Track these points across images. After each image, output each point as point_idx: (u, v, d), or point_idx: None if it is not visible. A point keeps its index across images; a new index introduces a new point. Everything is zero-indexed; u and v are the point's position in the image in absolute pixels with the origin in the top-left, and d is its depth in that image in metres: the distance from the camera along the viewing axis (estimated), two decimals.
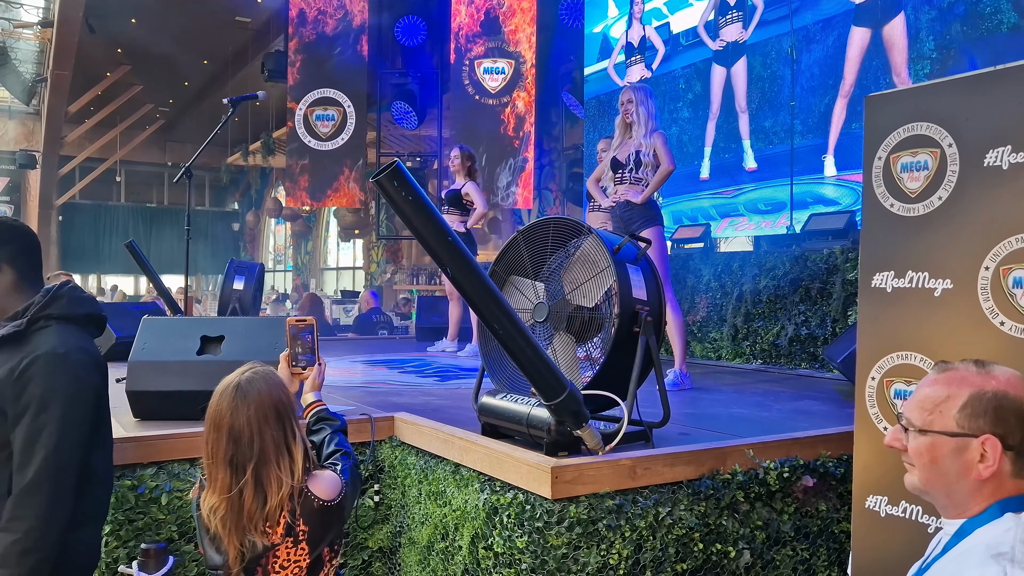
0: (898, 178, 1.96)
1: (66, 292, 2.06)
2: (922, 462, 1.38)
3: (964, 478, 1.34)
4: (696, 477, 2.57)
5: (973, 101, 1.82)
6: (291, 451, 1.82)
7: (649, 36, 8.23)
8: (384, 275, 15.69)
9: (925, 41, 5.55)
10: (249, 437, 1.79)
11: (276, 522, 1.78)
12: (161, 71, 16.51)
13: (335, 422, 2.19)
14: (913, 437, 1.39)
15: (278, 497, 1.77)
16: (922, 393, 1.41)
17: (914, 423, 1.39)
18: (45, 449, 1.89)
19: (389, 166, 2.03)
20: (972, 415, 1.34)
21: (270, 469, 1.78)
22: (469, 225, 6.16)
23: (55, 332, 1.99)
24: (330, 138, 10.90)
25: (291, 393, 1.94)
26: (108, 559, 2.71)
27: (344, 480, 1.92)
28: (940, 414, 1.36)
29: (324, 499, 1.84)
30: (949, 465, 1.35)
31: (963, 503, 1.36)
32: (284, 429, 1.83)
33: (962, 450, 1.34)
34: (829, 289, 5.02)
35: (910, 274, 1.93)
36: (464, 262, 2.13)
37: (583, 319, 2.77)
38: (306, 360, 2.27)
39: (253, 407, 1.81)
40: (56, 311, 2.01)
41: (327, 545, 1.87)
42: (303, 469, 1.83)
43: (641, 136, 4.46)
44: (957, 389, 1.36)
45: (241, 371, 1.89)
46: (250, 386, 1.84)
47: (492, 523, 2.46)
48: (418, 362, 5.82)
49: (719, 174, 7.28)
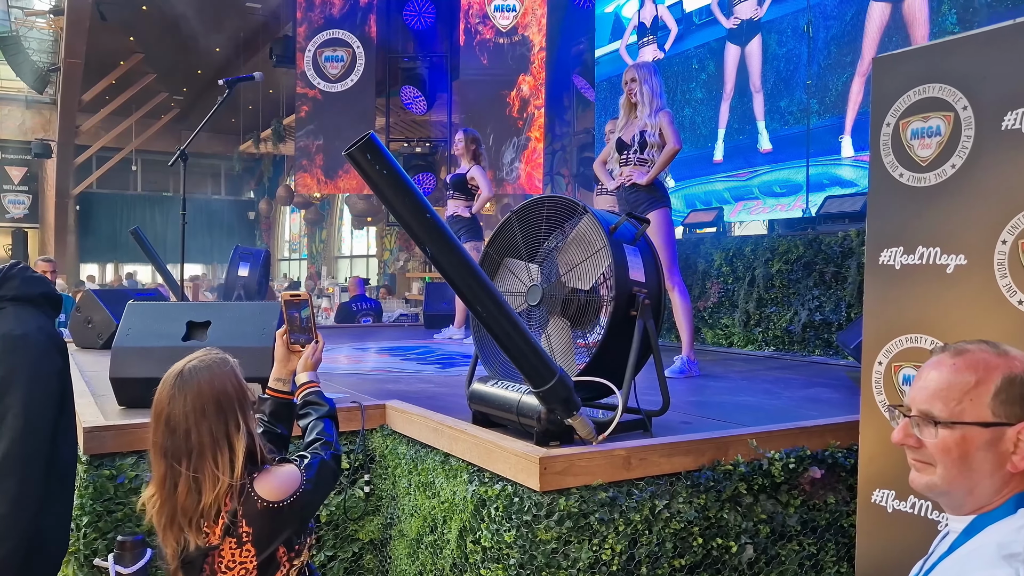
0: (908, 145, 1.81)
1: (17, 272, 1.98)
2: (949, 459, 1.21)
3: (996, 472, 1.19)
4: (696, 468, 2.44)
5: (990, 59, 1.66)
6: (232, 446, 1.69)
7: (661, 15, 8.04)
8: (397, 262, 15.62)
9: (947, 15, 5.34)
10: (185, 429, 1.68)
11: (214, 521, 1.67)
12: (174, 59, 16.50)
13: (323, 406, 2.04)
14: (934, 431, 1.22)
15: (213, 494, 1.65)
16: (939, 380, 1.24)
17: (936, 415, 1.22)
18: (12, 432, 1.82)
19: (362, 139, 1.90)
20: (1007, 401, 1.18)
21: (206, 464, 1.67)
22: (475, 210, 6.04)
23: (11, 314, 1.91)
24: (339, 79, 10.75)
25: (243, 384, 1.78)
26: (87, 551, 2.63)
27: (305, 477, 1.78)
28: (971, 402, 1.20)
29: (270, 500, 1.70)
30: (982, 459, 1.19)
31: (984, 499, 1.20)
32: (225, 422, 1.70)
33: (996, 441, 1.18)
34: (844, 273, 4.86)
35: (920, 250, 1.78)
36: (443, 241, 2.01)
37: (579, 302, 2.64)
38: (304, 338, 2.13)
39: (190, 397, 1.70)
40: (9, 292, 1.93)
41: (282, 545, 1.74)
42: (244, 466, 1.69)
43: (646, 116, 4.31)
44: (985, 374, 1.20)
45: (189, 358, 1.78)
46: (191, 375, 1.73)
47: (480, 516, 2.35)
48: (422, 349, 5.71)
49: (733, 156, 7.10)
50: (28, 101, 20.27)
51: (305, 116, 11.05)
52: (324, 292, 16.00)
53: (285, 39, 11.68)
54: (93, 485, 2.67)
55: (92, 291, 5.60)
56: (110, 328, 5.05)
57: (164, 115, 21.26)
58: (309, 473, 1.79)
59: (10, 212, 21.64)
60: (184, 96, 20.57)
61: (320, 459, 1.85)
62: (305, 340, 2.11)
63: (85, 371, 4.11)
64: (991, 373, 1.20)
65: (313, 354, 2.11)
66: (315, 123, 10.95)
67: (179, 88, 19.94)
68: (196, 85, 19.20)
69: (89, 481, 2.67)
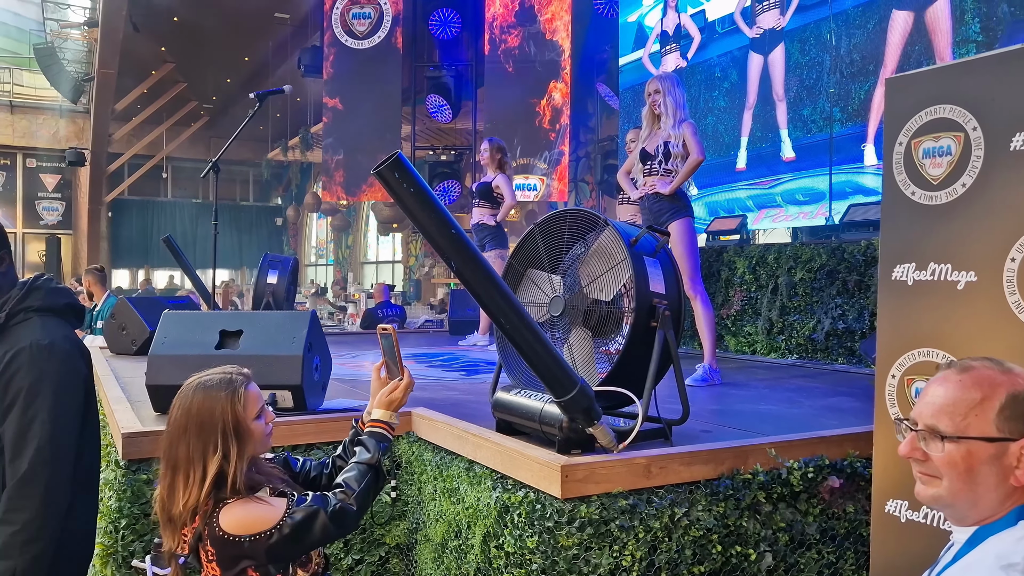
0: (920, 164, 1.85)
1: (42, 284, 2.05)
2: (955, 472, 1.25)
3: (1001, 486, 1.23)
4: (715, 477, 2.48)
5: (1000, 81, 1.70)
6: (205, 468, 1.70)
7: (684, 24, 8.08)
8: (422, 268, 15.74)
9: (970, 24, 5.33)
10: (171, 440, 1.75)
11: (184, 533, 1.73)
12: (204, 68, 16.79)
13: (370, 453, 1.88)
14: (941, 446, 1.26)
15: (180, 507, 1.70)
16: (946, 396, 1.28)
17: (942, 430, 1.26)
18: (38, 439, 1.88)
19: (390, 157, 1.98)
20: (1011, 417, 1.23)
21: (179, 478, 1.72)
22: (499, 218, 6.11)
23: (37, 324, 1.98)
24: (366, 36, 10.80)
25: (237, 413, 1.75)
26: (124, 552, 2.73)
27: (282, 522, 1.70)
28: (976, 418, 1.24)
29: (227, 531, 1.69)
30: (986, 473, 1.23)
31: (987, 511, 1.25)
32: (203, 445, 1.72)
33: (1000, 456, 1.23)
34: (867, 281, 4.86)
35: (932, 266, 1.82)
36: (468, 254, 2.08)
37: (600, 313, 2.70)
38: (392, 371, 2.06)
39: (179, 413, 1.76)
40: (36, 303, 2.00)
41: (251, 568, 1.74)
42: (210, 491, 1.69)
43: (669, 127, 4.36)
44: (991, 390, 1.25)
45: (206, 373, 1.82)
46: (189, 392, 1.78)
47: (503, 522, 2.41)
48: (447, 356, 5.79)
49: (756, 164, 7.12)
50: (62, 110, 20.72)
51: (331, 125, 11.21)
52: (351, 298, 16.16)
53: (313, 49, 11.85)
54: (131, 489, 2.76)
55: (127, 299, 5.75)
56: (143, 335, 5.19)
57: (194, 123, 21.62)
58: (290, 519, 1.72)
59: (44, 219, 22.13)
60: (213, 104, 20.90)
61: (315, 510, 1.74)
62: (392, 374, 2.06)
63: (120, 377, 4.22)
64: (996, 390, 1.25)
65: (390, 391, 2.02)
66: (333, 136, 11.06)
67: (209, 96, 20.27)
68: (225, 93, 19.51)
69: (127, 485, 2.77)
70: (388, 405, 2.00)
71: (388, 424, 1.99)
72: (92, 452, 2.12)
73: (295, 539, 1.72)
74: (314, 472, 2.09)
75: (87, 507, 2.12)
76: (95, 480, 2.19)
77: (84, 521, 2.09)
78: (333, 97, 11.08)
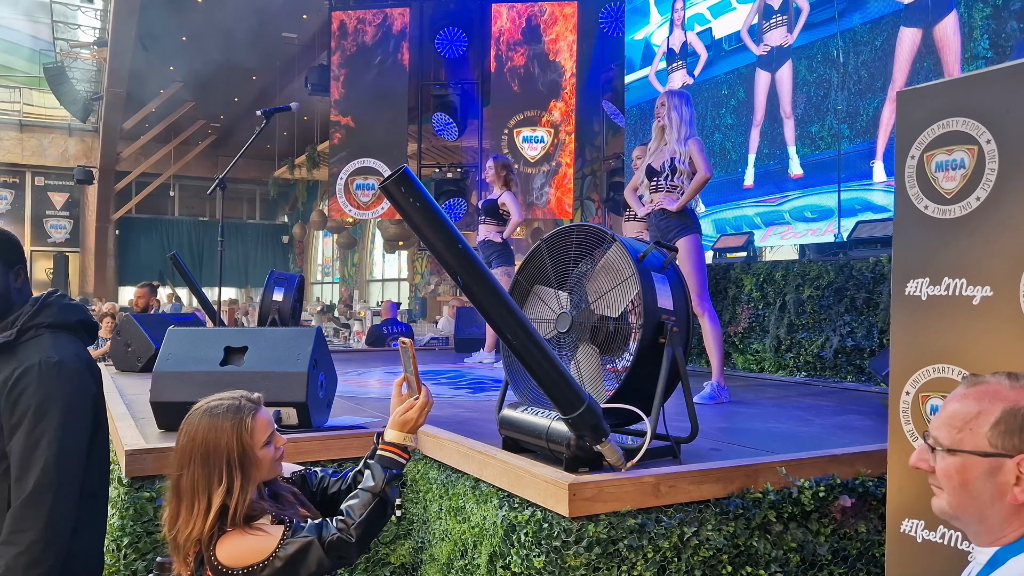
0: (932, 178, 1.82)
1: (54, 300, 2.04)
2: (951, 485, 1.25)
3: (998, 502, 1.21)
4: (725, 496, 2.44)
5: (1013, 93, 1.68)
6: (210, 500, 1.67)
7: (691, 42, 8.10)
8: (428, 286, 15.72)
9: (979, 40, 5.32)
10: (178, 465, 1.73)
11: (188, 557, 1.71)
12: (212, 87, 16.87)
13: (374, 482, 1.78)
14: (941, 457, 1.26)
15: (184, 534, 1.68)
16: (950, 409, 1.28)
17: (942, 442, 1.26)
18: (45, 459, 1.86)
19: (396, 172, 1.96)
20: (1006, 432, 1.21)
21: (183, 507, 1.70)
22: (505, 235, 6.11)
23: (48, 341, 1.96)
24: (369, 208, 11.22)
25: (244, 443, 1.71)
26: (127, 571, 2.70)
27: (276, 553, 1.67)
28: (970, 432, 1.24)
29: (222, 562, 1.66)
30: (981, 488, 1.22)
31: (997, 529, 1.23)
32: (208, 475, 1.68)
33: (995, 471, 1.21)
34: (876, 299, 4.83)
35: (946, 281, 1.79)
36: (475, 271, 2.06)
37: (607, 330, 2.67)
38: (412, 387, 1.94)
39: (185, 440, 1.73)
40: (47, 319, 1.99)
41: None
42: (214, 523, 1.67)
43: (675, 142, 4.35)
44: (989, 404, 1.24)
45: (215, 397, 1.79)
46: (195, 418, 1.75)
47: (510, 541, 2.38)
48: (453, 373, 5.76)
49: (763, 182, 7.10)
50: (71, 129, 20.89)
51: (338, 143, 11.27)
52: (356, 316, 16.15)
53: (320, 68, 11.91)
54: (133, 507, 2.74)
55: (132, 315, 5.74)
56: (148, 352, 5.18)
57: (201, 142, 21.74)
58: (284, 549, 1.68)
59: (52, 237, 22.24)
60: (221, 123, 21.03)
61: (308, 541, 1.68)
62: (412, 391, 1.94)
63: (125, 394, 4.21)
64: (994, 404, 1.24)
65: (404, 411, 1.89)
66: (346, 151, 11.15)
67: (216, 115, 20.39)
68: (233, 112, 19.63)
69: (130, 503, 2.75)
70: (402, 426, 1.88)
71: (400, 447, 1.86)
72: (100, 471, 2.10)
73: (288, 571, 1.67)
74: (333, 488, 2.03)
75: (94, 528, 2.10)
76: (103, 500, 2.16)
77: (90, 542, 2.07)
78: (346, 116, 11.19)
